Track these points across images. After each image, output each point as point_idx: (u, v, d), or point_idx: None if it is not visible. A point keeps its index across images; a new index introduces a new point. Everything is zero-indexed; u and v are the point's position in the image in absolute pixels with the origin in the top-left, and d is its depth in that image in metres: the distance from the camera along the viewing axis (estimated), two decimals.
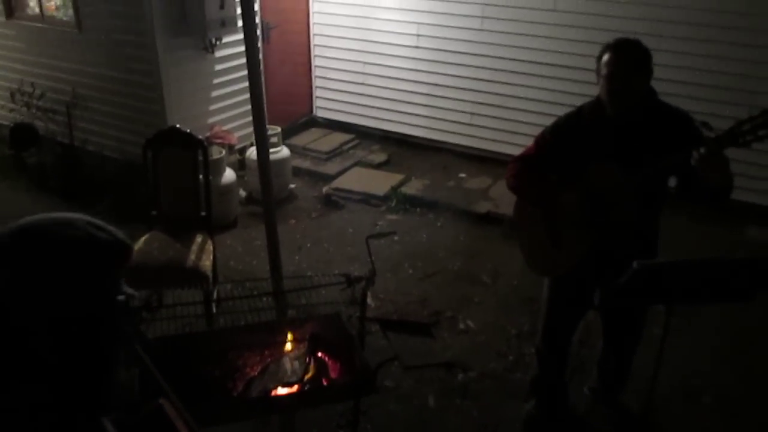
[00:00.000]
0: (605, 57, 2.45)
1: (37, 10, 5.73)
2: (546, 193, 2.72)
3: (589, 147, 2.57)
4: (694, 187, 2.41)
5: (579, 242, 2.66)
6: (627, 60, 2.41)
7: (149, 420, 1.32)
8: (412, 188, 5.60)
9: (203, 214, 3.78)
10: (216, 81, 5.58)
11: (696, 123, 2.50)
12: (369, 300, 3.14)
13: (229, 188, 5.05)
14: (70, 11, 5.45)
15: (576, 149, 2.61)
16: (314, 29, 6.57)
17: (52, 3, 5.65)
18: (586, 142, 2.58)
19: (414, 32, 6.04)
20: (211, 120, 5.55)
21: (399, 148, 6.40)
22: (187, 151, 3.72)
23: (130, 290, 1.16)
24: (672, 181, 2.60)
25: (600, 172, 2.55)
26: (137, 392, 1.50)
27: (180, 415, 1.42)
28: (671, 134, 2.46)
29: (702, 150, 2.21)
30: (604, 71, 2.45)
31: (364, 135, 6.59)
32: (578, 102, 2.71)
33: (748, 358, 3.65)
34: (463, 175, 5.86)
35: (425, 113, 6.28)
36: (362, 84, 6.48)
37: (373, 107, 6.52)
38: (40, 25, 5.73)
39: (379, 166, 6.08)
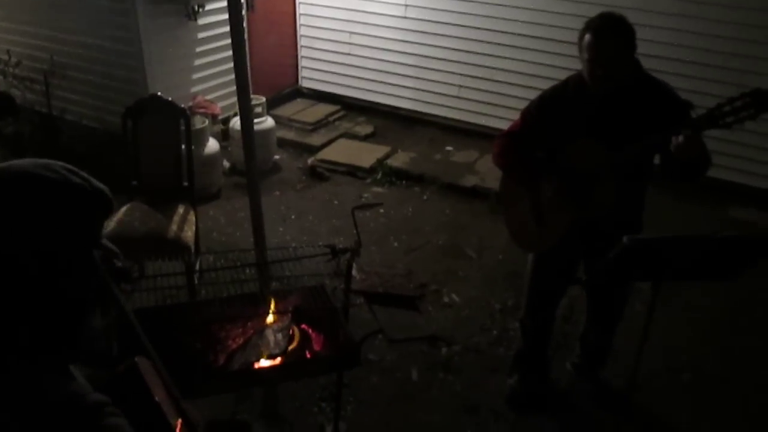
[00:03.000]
0: (586, 38, 2.36)
1: None
2: (530, 170, 2.70)
3: (574, 121, 2.54)
4: (671, 165, 2.40)
5: (562, 219, 2.65)
6: (609, 45, 2.33)
7: (123, 379, 1.32)
8: (398, 161, 5.56)
9: (185, 184, 3.71)
10: (199, 49, 5.45)
11: (681, 98, 2.48)
12: (354, 272, 3.11)
13: (213, 159, 4.98)
14: None
15: (561, 124, 2.57)
16: None
17: None
18: (571, 116, 2.55)
19: (402, 2, 5.93)
20: (193, 89, 5.44)
21: (385, 120, 6.34)
22: (169, 120, 3.65)
23: (110, 245, 1.19)
24: (656, 158, 2.58)
25: (583, 149, 2.53)
26: (116, 350, 1.51)
27: (158, 373, 1.40)
28: (656, 108, 2.44)
29: (681, 137, 2.19)
30: (585, 55, 2.38)
31: (350, 106, 6.51)
32: (566, 76, 2.67)
33: (728, 335, 3.69)
34: (449, 148, 5.83)
35: (412, 85, 6.21)
36: (349, 54, 6.38)
37: (359, 78, 6.43)
38: None
39: (365, 138, 6.02)
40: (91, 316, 1.20)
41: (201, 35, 5.42)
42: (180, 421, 1.36)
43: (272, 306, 2.47)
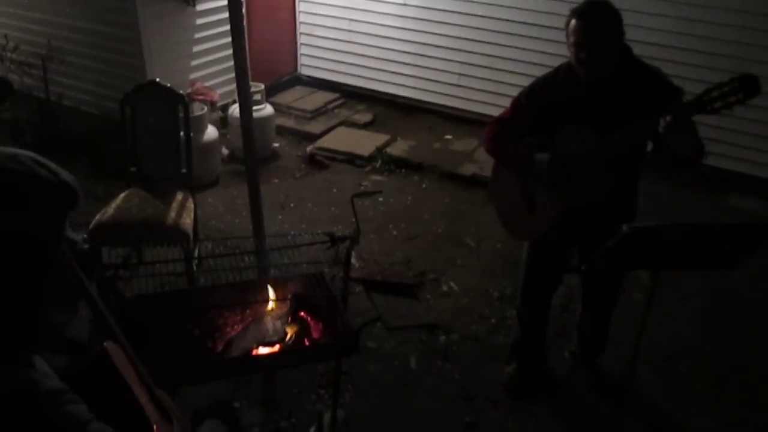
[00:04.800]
0: (571, 24, 2.38)
1: None
2: (520, 156, 2.69)
3: (564, 108, 2.53)
4: (664, 153, 2.39)
5: (552, 206, 2.65)
6: (593, 28, 2.34)
7: (93, 364, 1.31)
8: (398, 149, 5.54)
9: (184, 171, 3.70)
10: (197, 36, 5.42)
11: (672, 83, 2.47)
12: (353, 260, 3.10)
13: (211, 146, 4.96)
14: None
15: (551, 111, 2.57)
16: None
17: None
18: (561, 103, 2.55)
19: None
20: (192, 76, 5.42)
21: (385, 108, 6.32)
22: (168, 107, 3.63)
23: (73, 235, 1.16)
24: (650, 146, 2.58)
25: (572, 134, 2.52)
26: (87, 337, 1.50)
27: (130, 360, 1.39)
28: (646, 93, 2.43)
29: (668, 118, 2.18)
30: (571, 39, 2.39)
31: (349, 94, 6.49)
32: None
33: (726, 324, 3.69)
34: (449, 136, 5.81)
35: (412, 73, 6.18)
36: (348, 42, 6.35)
37: (359, 66, 6.39)
38: None
39: (364, 126, 6.00)
40: (51, 307, 1.17)
41: (200, 21, 5.38)
42: (151, 404, 1.34)
43: (271, 293, 2.47)
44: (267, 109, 5.42)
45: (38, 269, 1.11)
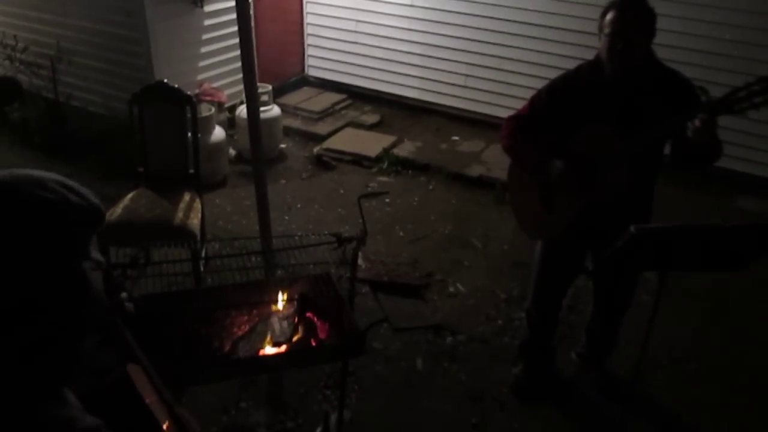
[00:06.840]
0: (609, 15, 2.39)
1: None
2: (539, 154, 2.68)
3: (585, 108, 2.53)
4: (684, 153, 2.39)
5: (570, 206, 2.63)
6: (632, 19, 2.36)
7: (114, 388, 1.29)
8: (405, 150, 5.54)
9: (191, 171, 3.71)
10: (205, 37, 5.44)
11: (695, 86, 2.47)
12: (359, 261, 3.10)
13: (219, 146, 4.97)
14: None
15: (571, 110, 2.56)
16: None
17: None
18: (582, 103, 2.54)
19: None
20: (200, 77, 5.43)
21: (392, 109, 6.32)
22: (175, 107, 3.64)
23: (98, 256, 1.10)
24: (666, 148, 2.57)
25: (594, 135, 2.51)
26: (109, 359, 1.48)
27: (150, 382, 1.38)
28: (670, 97, 2.43)
29: (697, 121, 2.18)
30: (607, 29, 2.40)
31: (356, 95, 6.49)
32: (574, 65, 2.66)
33: (733, 325, 3.67)
34: (456, 137, 5.80)
35: (419, 74, 6.18)
36: (355, 43, 6.35)
37: (366, 67, 6.40)
38: None
39: (371, 127, 6.00)
40: (89, 337, 1.12)
41: (207, 22, 5.40)
42: (173, 426, 1.33)
43: (278, 294, 2.47)
44: (274, 110, 5.44)
45: (80, 296, 1.06)
